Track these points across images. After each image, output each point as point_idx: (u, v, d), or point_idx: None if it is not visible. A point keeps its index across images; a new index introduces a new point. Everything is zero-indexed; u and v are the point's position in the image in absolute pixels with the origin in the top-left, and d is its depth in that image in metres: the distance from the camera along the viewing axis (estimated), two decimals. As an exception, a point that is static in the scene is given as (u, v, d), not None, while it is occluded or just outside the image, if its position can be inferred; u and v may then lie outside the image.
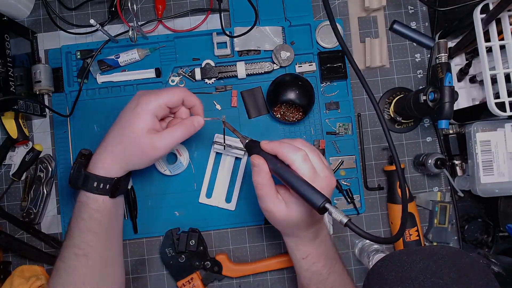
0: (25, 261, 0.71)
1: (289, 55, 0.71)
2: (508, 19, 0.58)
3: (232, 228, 0.72)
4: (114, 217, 0.59)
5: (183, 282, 0.68)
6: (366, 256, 0.66)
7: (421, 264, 0.41)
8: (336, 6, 0.75)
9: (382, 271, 0.44)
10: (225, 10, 0.74)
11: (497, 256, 0.62)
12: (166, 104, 0.56)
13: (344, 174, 0.72)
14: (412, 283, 0.40)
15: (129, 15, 0.73)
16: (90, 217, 0.56)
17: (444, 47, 0.61)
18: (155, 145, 0.55)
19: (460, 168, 0.70)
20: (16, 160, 0.72)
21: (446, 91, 0.59)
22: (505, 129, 0.64)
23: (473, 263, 0.41)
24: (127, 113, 0.57)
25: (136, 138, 0.55)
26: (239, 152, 0.69)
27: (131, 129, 0.55)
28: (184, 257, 0.68)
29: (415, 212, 0.68)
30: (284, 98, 0.65)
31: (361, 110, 0.73)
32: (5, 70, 0.65)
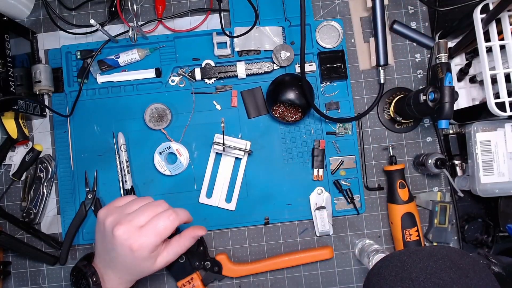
0: (25, 261, 0.72)
1: (289, 55, 0.71)
2: (508, 19, 0.58)
3: (232, 228, 0.72)
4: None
5: (183, 282, 0.68)
6: (366, 256, 0.66)
7: (421, 264, 0.41)
8: (336, 6, 0.75)
9: (382, 271, 0.44)
10: (225, 10, 0.74)
11: (497, 256, 0.62)
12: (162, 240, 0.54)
13: (344, 174, 0.72)
14: (412, 283, 0.40)
15: (129, 15, 0.73)
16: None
17: (444, 47, 0.61)
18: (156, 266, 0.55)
19: (460, 168, 0.70)
20: (16, 160, 0.72)
21: (446, 91, 0.59)
22: (505, 129, 0.64)
23: (473, 263, 0.41)
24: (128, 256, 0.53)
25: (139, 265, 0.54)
26: (238, 152, 0.69)
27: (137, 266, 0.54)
28: (184, 257, 0.68)
29: (415, 212, 0.68)
30: (284, 98, 0.65)
31: (361, 110, 0.73)
32: (5, 70, 0.65)
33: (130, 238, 0.51)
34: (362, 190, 0.71)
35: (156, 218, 0.52)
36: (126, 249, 0.51)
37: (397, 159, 0.71)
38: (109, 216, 0.53)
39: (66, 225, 0.70)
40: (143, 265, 0.54)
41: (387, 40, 0.71)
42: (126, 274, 0.56)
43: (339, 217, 0.72)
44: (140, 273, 0.56)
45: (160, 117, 0.71)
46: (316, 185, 0.71)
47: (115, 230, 0.51)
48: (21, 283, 0.71)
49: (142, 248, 0.51)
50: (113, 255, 0.53)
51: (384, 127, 0.73)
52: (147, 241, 0.51)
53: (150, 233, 0.51)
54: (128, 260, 0.52)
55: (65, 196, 0.72)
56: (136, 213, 0.53)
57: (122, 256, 0.52)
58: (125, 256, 0.52)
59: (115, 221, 0.52)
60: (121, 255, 0.52)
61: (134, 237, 0.51)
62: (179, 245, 0.56)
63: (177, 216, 0.54)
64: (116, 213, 0.54)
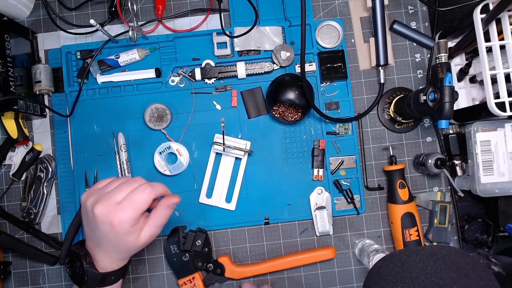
0: (25, 261, 0.72)
1: (289, 55, 0.71)
2: (508, 19, 0.58)
3: (232, 228, 0.72)
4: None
5: (185, 280, 0.68)
6: (366, 256, 0.66)
7: (421, 264, 0.41)
8: (336, 6, 0.75)
9: (382, 271, 0.44)
10: (225, 10, 0.74)
11: (497, 256, 0.62)
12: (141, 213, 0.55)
13: (344, 174, 0.72)
14: (412, 283, 0.40)
15: (129, 15, 0.73)
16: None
17: (444, 47, 0.61)
18: (141, 240, 0.56)
19: (460, 168, 0.70)
20: (16, 160, 0.72)
21: (446, 91, 0.59)
22: (505, 129, 0.64)
23: (473, 263, 0.41)
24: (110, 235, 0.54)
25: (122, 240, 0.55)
26: (239, 152, 0.69)
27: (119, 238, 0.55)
28: (188, 256, 0.68)
29: (415, 212, 0.68)
30: (284, 98, 0.65)
31: (361, 110, 0.73)
32: (5, 70, 0.65)
33: (110, 215, 0.52)
34: (362, 190, 0.71)
35: (132, 193, 0.54)
36: (107, 225, 0.53)
37: (397, 159, 0.71)
38: (90, 197, 0.55)
39: (66, 225, 0.70)
40: (127, 240, 0.54)
41: (387, 40, 0.71)
42: (113, 252, 0.57)
43: (339, 217, 0.72)
44: (127, 249, 0.56)
45: (160, 117, 0.71)
46: (316, 185, 0.71)
47: (94, 209, 0.53)
48: (21, 283, 0.71)
49: (122, 222, 0.52)
50: (98, 234, 0.55)
51: (384, 127, 0.73)
52: (125, 216, 0.53)
53: (127, 207, 0.53)
54: (112, 236, 0.54)
55: (65, 196, 0.71)
56: (114, 190, 0.55)
57: (105, 234, 0.54)
58: (108, 234, 0.54)
59: (95, 201, 0.54)
60: (104, 233, 0.54)
61: (112, 213, 0.52)
62: (157, 216, 0.56)
63: (153, 188, 0.55)
64: (96, 194, 0.55)
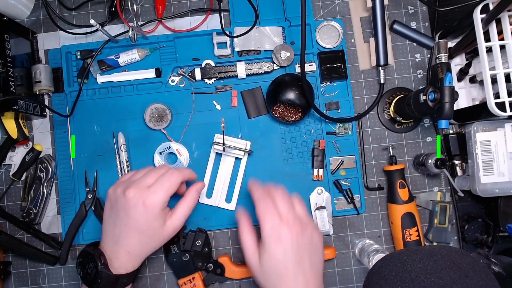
0: (25, 261, 0.72)
1: (289, 55, 0.71)
2: (508, 19, 0.58)
3: (232, 228, 0.72)
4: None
5: (184, 280, 0.68)
6: (366, 256, 0.66)
7: (421, 264, 0.41)
8: (336, 6, 0.75)
9: (382, 271, 0.44)
10: (225, 10, 0.74)
11: (497, 256, 0.62)
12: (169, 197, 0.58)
13: (344, 174, 0.72)
14: (412, 283, 0.40)
15: (129, 15, 0.73)
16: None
17: (444, 47, 0.61)
18: (166, 230, 0.58)
19: (460, 168, 0.70)
20: (16, 160, 0.72)
21: (446, 91, 0.59)
22: (505, 129, 0.64)
23: (473, 263, 0.41)
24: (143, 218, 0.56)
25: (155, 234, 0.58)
26: (238, 152, 0.69)
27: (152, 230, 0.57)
28: (188, 255, 0.68)
29: (415, 212, 0.68)
30: (284, 98, 0.65)
31: (361, 110, 0.73)
32: (5, 70, 0.65)
33: (142, 196, 0.55)
34: (362, 190, 0.71)
35: (162, 177, 0.57)
36: (139, 208, 0.55)
37: (397, 159, 0.71)
38: (118, 187, 0.58)
39: (66, 225, 0.70)
40: (155, 225, 0.56)
41: (387, 40, 0.71)
42: (137, 244, 0.57)
43: (339, 217, 0.72)
44: (152, 237, 0.57)
45: (160, 117, 0.71)
46: (316, 185, 0.71)
47: (127, 193, 0.55)
48: (21, 283, 0.71)
49: (154, 204, 0.55)
50: (125, 222, 0.56)
51: (384, 127, 0.73)
52: (157, 197, 0.55)
53: (158, 189, 0.56)
54: (142, 221, 0.55)
55: (65, 196, 0.72)
56: (143, 177, 0.58)
57: (135, 219, 0.55)
58: (138, 218, 0.55)
59: (125, 188, 0.56)
60: (134, 218, 0.55)
61: (145, 194, 0.55)
62: (185, 203, 0.60)
63: (180, 172, 0.59)
64: (124, 183, 0.58)
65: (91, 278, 0.56)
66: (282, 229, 0.54)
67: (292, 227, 0.54)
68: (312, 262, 0.55)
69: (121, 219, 0.56)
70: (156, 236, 0.57)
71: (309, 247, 0.55)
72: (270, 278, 0.54)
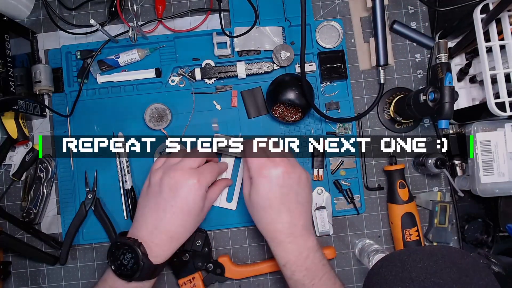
0: (25, 261, 0.72)
1: (289, 55, 0.71)
2: (508, 19, 0.58)
3: (232, 228, 0.72)
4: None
5: (184, 280, 0.68)
6: (366, 256, 0.66)
7: (421, 264, 0.41)
8: (336, 6, 0.75)
9: (382, 271, 0.44)
10: (225, 10, 0.74)
11: (497, 256, 0.62)
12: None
13: (344, 174, 0.72)
14: (412, 283, 0.40)
15: (129, 15, 0.73)
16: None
17: (444, 47, 0.61)
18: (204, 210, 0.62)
19: (460, 168, 0.70)
20: (16, 160, 0.72)
21: (446, 91, 0.59)
22: (505, 129, 0.64)
23: (473, 263, 0.42)
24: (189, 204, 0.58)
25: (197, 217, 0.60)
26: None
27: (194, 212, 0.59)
28: (188, 255, 0.68)
29: (415, 212, 0.68)
30: (284, 98, 0.65)
31: (361, 110, 0.73)
32: (5, 70, 0.65)
33: (192, 176, 0.57)
34: (362, 190, 0.71)
35: (208, 164, 0.63)
36: (191, 186, 0.57)
37: (397, 159, 0.71)
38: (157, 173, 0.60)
39: (66, 225, 0.70)
40: (200, 205, 0.58)
41: (387, 40, 0.71)
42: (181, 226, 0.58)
43: (339, 217, 0.72)
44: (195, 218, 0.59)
45: (160, 117, 0.71)
46: (316, 185, 0.71)
47: (174, 175, 0.57)
48: (21, 283, 0.71)
49: (204, 183, 0.58)
50: (172, 203, 0.57)
51: (384, 127, 0.73)
52: (205, 178, 0.59)
53: (206, 172, 0.60)
54: (191, 200, 0.57)
55: (65, 196, 0.71)
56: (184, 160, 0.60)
57: (185, 198, 0.57)
58: (188, 197, 0.57)
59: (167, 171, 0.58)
60: (183, 197, 0.57)
61: (194, 174, 0.58)
62: (217, 189, 0.66)
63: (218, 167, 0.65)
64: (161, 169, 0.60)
65: (127, 270, 0.54)
66: (267, 165, 0.57)
67: (278, 164, 0.57)
68: (298, 200, 0.58)
69: (167, 201, 0.57)
70: (199, 217, 0.60)
71: (296, 186, 0.58)
72: (256, 212, 0.59)
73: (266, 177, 0.57)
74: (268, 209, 0.57)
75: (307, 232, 0.58)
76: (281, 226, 0.57)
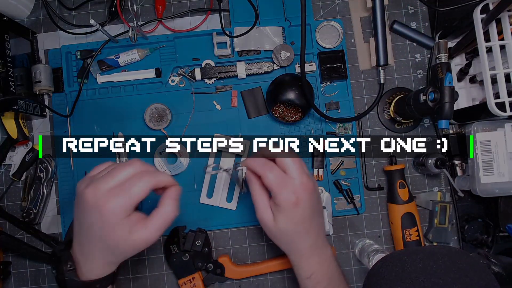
0: (25, 261, 0.72)
1: (289, 55, 0.71)
2: (508, 19, 0.58)
3: (232, 228, 0.72)
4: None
5: (184, 280, 0.68)
6: (366, 256, 0.66)
7: (421, 264, 0.41)
8: (336, 6, 0.75)
9: (382, 271, 0.44)
10: (225, 10, 0.74)
11: (497, 256, 0.62)
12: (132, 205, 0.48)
13: (344, 174, 0.72)
14: (412, 283, 0.40)
15: (129, 15, 0.73)
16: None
17: (444, 47, 0.61)
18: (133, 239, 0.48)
19: (460, 168, 0.70)
20: (16, 160, 0.72)
21: (446, 91, 0.59)
22: (505, 129, 0.64)
23: (473, 263, 0.42)
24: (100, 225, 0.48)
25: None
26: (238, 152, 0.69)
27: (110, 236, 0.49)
28: (188, 256, 0.68)
29: (415, 212, 0.68)
30: (284, 98, 0.65)
31: (361, 110, 0.73)
32: (5, 70, 0.65)
33: (99, 200, 0.46)
34: (362, 190, 0.71)
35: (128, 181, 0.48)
36: (96, 213, 0.47)
37: (397, 159, 0.71)
38: (82, 184, 0.49)
39: (66, 225, 0.70)
40: (117, 233, 0.47)
41: (387, 40, 0.71)
42: (101, 250, 0.49)
43: (339, 217, 0.72)
44: (116, 246, 0.48)
45: (160, 117, 0.71)
46: (316, 185, 0.71)
47: (85, 194, 0.47)
48: (21, 283, 0.71)
49: (111, 211, 0.46)
50: (86, 226, 0.49)
51: (384, 127, 0.73)
52: (116, 204, 0.46)
53: (120, 194, 0.47)
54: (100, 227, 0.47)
55: (65, 196, 0.71)
56: (105, 176, 0.49)
57: (93, 224, 0.48)
58: (96, 223, 0.47)
59: (85, 186, 0.48)
60: (92, 223, 0.48)
61: (102, 199, 0.46)
62: (159, 214, 0.49)
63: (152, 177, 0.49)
64: (88, 179, 0.50)
65: (59, 283, 0.50)
66: (299, 191, 0.53)
67: (306, 187, 0.53)
68: (319, 214, 0.57)
69: (82, 221, 0.49)
70: (121, 247, 0.49)
71: (317, 200, 0.56)
72: (285, 236, 0.55)
73: (299, 205, 0.53)
74: (300, 233, 0.55)
75: (326, 242, 0.58)
76: (309, 242, 0.56)
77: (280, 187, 0.52)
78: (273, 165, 0.54)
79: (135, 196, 0.47)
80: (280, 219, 0.54)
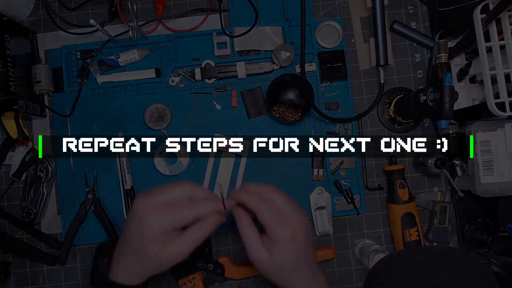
0: (25, 261, 0.72)
1: (289, 55, 0.71)
2: (508, 19, 0.58)
3: (232, 228, 0.72)
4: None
5: (184, 280, 0.68)
6: (366, 256, 0.66)
7: (421, 265, 0.42)
8: (336, 6, 0.75)
9: (382, 271, 0.44)
10: (225, 10, 0.74)
11: (497, 256, 0.62)
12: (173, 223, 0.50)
13: (344, 174, 0.72)
14: (412, 283, 0.40)
15: (129, 15, 0.73)
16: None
17: (444, 47, 0.61)
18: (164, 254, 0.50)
19: (460, 168, 0.70)
20: (16, 160, 0.72)
21: (446, 91, 0.59)
22: (505, 129, 0.64)
23: (473, 263, 0.42)
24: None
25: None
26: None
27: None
28: (188, 256, 0.68)
29: (415, 212, 0.68)
30: (284, 98, 0.65)
31: (361, 110, 0.73)
32: (5, 70, 0.65)
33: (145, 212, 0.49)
34: (362, 190, 0.71)
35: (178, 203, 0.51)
36: (138, 222, 0.49)
37: (397, 159, 0.71)
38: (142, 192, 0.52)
39: (66, 225, 0.70)
40: (150, 245, 0.49)
41: (387, 40, 0.71)
42: (132, 256, 0.51)
43: (339, 217, 0.72)
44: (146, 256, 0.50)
45: (160, 117, 0.71)
46: (316, 185, 0.71)
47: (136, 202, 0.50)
48: (21, 283, 0.71)
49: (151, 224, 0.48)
50: (128, 231, 0.51)
51: (384, 127, 0.73)
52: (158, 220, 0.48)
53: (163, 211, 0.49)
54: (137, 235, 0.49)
55: (65, 196, 0.71)
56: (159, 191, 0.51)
57: (133, 233, 0.50)
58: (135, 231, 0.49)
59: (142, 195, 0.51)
60: (133, 231, 0.50)
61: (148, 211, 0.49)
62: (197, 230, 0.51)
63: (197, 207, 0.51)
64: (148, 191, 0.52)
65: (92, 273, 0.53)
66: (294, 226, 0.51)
67: (301, 221, 0.52)
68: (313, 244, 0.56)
69: (127, 225, 0.52)
70: (152, 258, 0.50)
71: (311, 234, 0.56)
72: (283, 273, 0.53)
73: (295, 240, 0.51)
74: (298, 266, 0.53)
75: (320, 270, 0.57)
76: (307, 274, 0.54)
77: (276, 222, 0.51)
78: (270, 201, 0.52)
79: (177, 221, 0.49)
80: (277, 255, 0.51)
